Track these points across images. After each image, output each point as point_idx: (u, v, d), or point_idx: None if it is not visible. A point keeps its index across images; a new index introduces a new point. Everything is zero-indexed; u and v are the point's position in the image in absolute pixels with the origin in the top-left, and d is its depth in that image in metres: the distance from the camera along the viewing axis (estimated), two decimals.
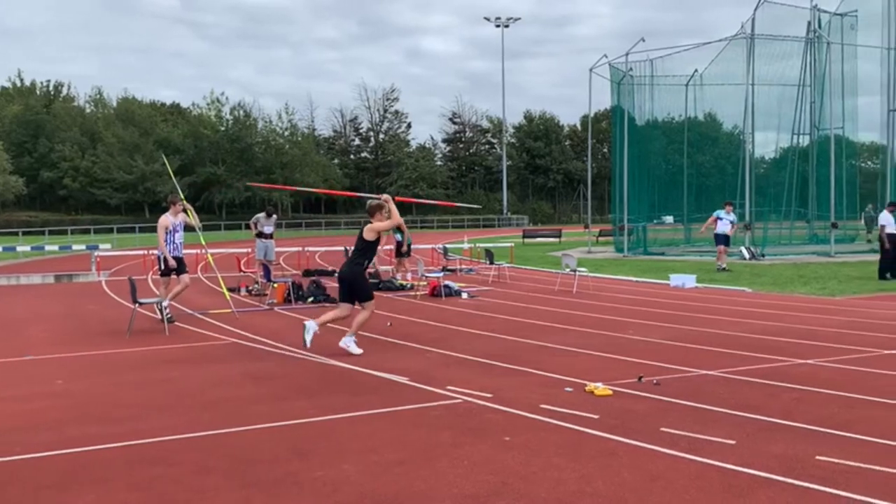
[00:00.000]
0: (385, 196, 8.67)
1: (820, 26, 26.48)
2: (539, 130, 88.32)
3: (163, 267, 11.07)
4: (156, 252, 11.56)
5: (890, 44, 24.51)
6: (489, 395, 6.28)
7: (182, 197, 11.55)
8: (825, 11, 26.47)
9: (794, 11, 26.19)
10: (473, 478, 4.39)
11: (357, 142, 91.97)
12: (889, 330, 9.58)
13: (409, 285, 15.34)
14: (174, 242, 11.06)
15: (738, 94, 26.24)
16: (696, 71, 29.62)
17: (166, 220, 11.01)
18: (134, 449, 5.02)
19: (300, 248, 24.04)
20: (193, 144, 72.83)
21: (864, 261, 20.56)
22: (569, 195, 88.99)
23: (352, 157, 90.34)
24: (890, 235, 16.56)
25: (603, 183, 72.96)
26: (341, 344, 8.37)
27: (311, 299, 13.06)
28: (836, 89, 26.46)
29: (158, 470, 4.58)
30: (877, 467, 4.44)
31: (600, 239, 33.65)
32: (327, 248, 26.77)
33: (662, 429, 5.30)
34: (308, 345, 8.31)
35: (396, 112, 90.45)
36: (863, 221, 31.54)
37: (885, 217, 17.17)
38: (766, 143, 31.55)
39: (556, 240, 38.23)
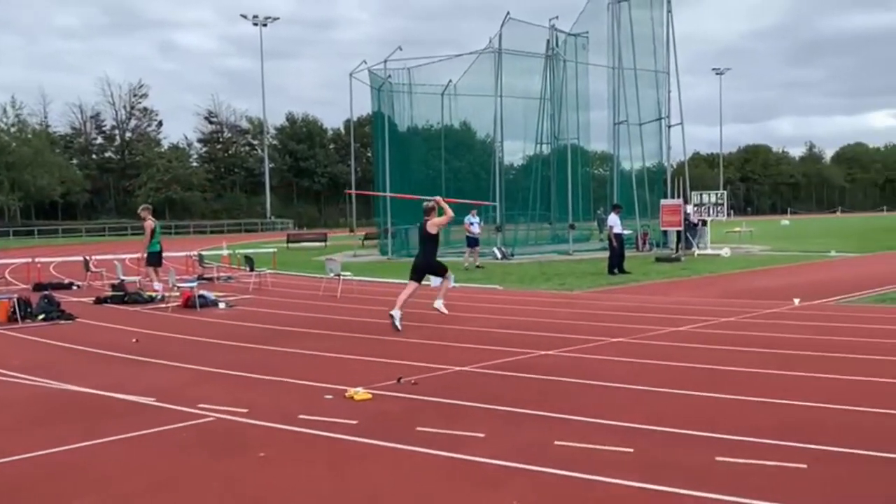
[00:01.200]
0: (437, 198, 10.90)
1: (557, 45, 29.06)
2: (302, 133, 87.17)
3: None
4: None
5: (614, 63, 27.58)
6: (244, 410, 6.01)
7: None
8: (561, 31, 29.10)
9: (535, 30, 28.54)
10: (225, 499, 4.15)
11: (100, 140, 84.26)
12: (615, 320, 10.72)
13: (158, 297, 14.29)
14: None
15: (490, 105, 27.97)
16: (450, 81, 31.04)
17: None
18: None
19: (30, 259, 21.39)
20: None
21: (596, 258, 22.86)
22: (335, 199, 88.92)
23: (94, 156, 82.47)
24: (616, 235, 18.64)
25: (368, 187, 73.85)
26: (435, 305, 10.66)
27: (41, 316, 11.64)
28: (571, 103, 29.21)
29: None
30: (606, 447, 4.89)
31: (366, 242, 34.02)
32: (64, 259, 24.20)
33: (419, 428, 5.42)
34: (399, 328, 10.02)
35: (146, 109, 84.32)
36: (596, 222, 35.20)
37: (612, 218, 19.29)
38: (514, 151, 34.03)
39: (322, 244, 37.99)
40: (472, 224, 20.99)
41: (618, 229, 18.79)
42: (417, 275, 10.80)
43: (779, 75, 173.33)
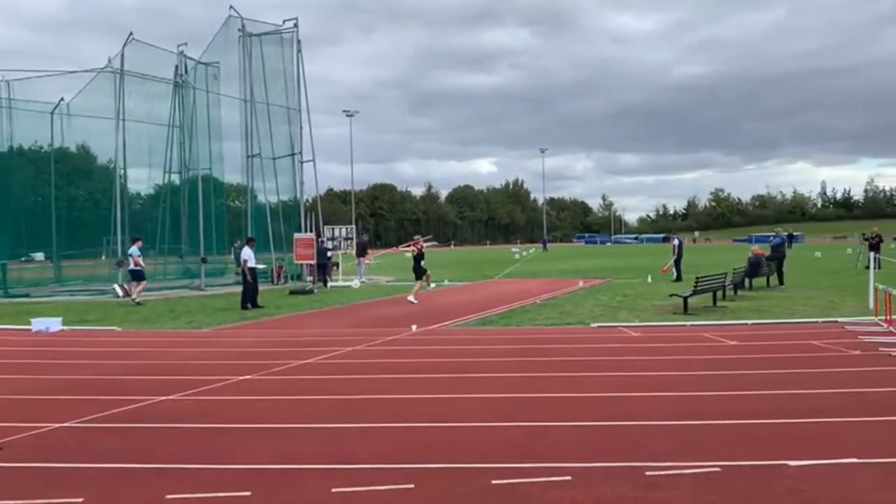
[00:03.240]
0: (416, 238, 19.83)
1: (186, 72, 27.94)
2: None
3: None
4: None
5: (246, 96, 27.42)
6: None
7: None
8: (191, 58, 28.04)
9: (162, 54, 27.13)
10: None
11: None
12: (244, 357, 10.46)
13: None
14: None
15: (111, 128, 25.74)
16: (62, 99, 27.89)
17: None
18: None
19: None
20: None
21: (231, 292, 22.31)
22: None
23: None
24: (251, 269, 18.37)
25: None
26: (409, 299, 18.06)
27: None
28: (203, 133, 28.24)
29: None
30: (222, 494, 4.66)
31: None
32: None
33: (2, 502, 4.57)
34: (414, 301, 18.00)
35: None
36: (232, 255, 34.40)
37: (246, 252, 18.96)
38: (141, 180, 31.66)
39: None
40: (138, 256, 20.08)
41: (252, 263, 18.55)
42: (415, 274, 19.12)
43: (401, 122, 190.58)
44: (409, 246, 20.82)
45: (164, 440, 6.08)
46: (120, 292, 21.50)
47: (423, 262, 19.23)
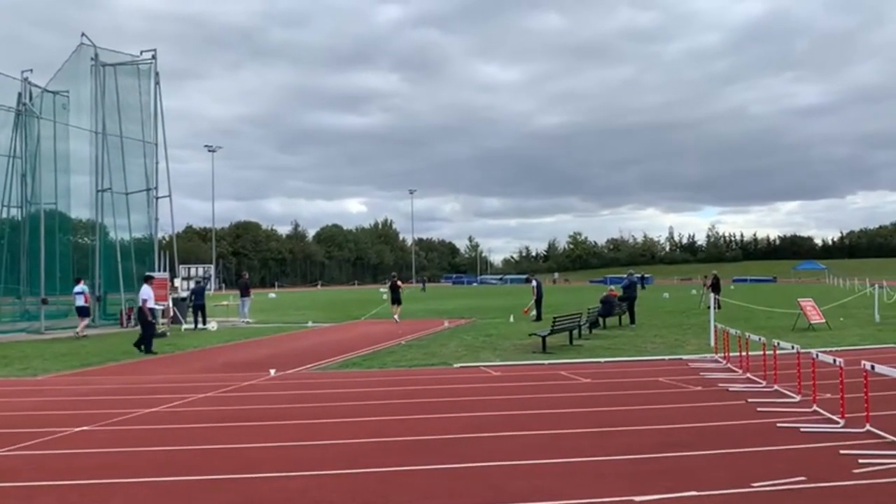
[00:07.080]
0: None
1: (31, 100, 26.15)
2: None
3: None
4: None
5: (97, 128, 25.94)
6: None
7: None
8: (36, 86, 26.29)
9: (4, 80, 25.27)
10: None
11: None
12: (85, 405, 9.69)
13: None
14: None
15: None
16: None
17: None
18: None
19: None
20: None
21: (71, 337, 20.74)
22: None
23: None
24: (151, 310, 17.16)
25: None
26: (395, 318, 25.19)
27: None
28: (49, 165, 26.35)
29: None
30: None
31: None
32: None
33: None
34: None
35: None
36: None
37: (145, 291, 17.51)
38: None
39: None
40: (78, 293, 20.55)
41: (151, 303, 17.39)
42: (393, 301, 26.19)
43: (268, 159, 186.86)
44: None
45: None
46: None
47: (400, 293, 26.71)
